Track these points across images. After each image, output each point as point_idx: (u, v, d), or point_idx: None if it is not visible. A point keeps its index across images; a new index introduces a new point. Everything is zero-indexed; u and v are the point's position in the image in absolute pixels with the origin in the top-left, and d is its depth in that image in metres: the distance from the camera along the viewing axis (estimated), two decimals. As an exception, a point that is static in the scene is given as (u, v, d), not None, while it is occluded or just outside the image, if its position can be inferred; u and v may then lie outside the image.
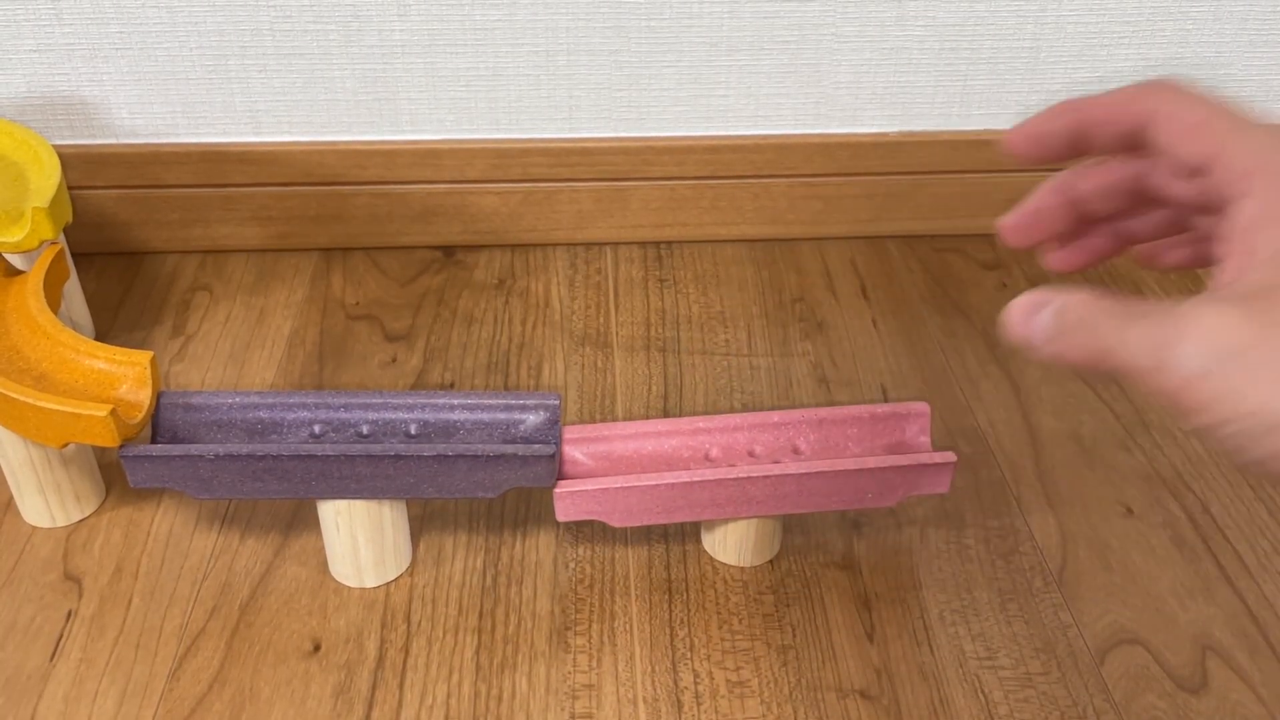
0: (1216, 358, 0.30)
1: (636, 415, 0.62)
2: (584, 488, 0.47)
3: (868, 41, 0.71)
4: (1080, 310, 0.34)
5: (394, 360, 0.66)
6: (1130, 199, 0.37)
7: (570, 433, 0.51)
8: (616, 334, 0.69)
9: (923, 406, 0.52)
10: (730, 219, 0.77)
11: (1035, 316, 0.35)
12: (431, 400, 0.49)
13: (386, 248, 0.77)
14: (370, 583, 0.50)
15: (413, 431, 0.48)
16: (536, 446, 0.46)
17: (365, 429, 0.48)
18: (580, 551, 0.52)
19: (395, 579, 0.51)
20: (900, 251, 0.77)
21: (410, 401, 0.48)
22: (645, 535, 0.53)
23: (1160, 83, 0.35)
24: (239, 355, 0.66)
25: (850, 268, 0.75)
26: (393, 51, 0.70)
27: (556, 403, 0.49)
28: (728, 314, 0.71)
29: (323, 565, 0.51)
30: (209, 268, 0.75)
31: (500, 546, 0.53)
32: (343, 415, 0.48)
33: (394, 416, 0.48)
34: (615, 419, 0.61)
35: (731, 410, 0.62)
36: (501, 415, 0.49)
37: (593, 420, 0.61)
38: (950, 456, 0.49)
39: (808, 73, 0.72)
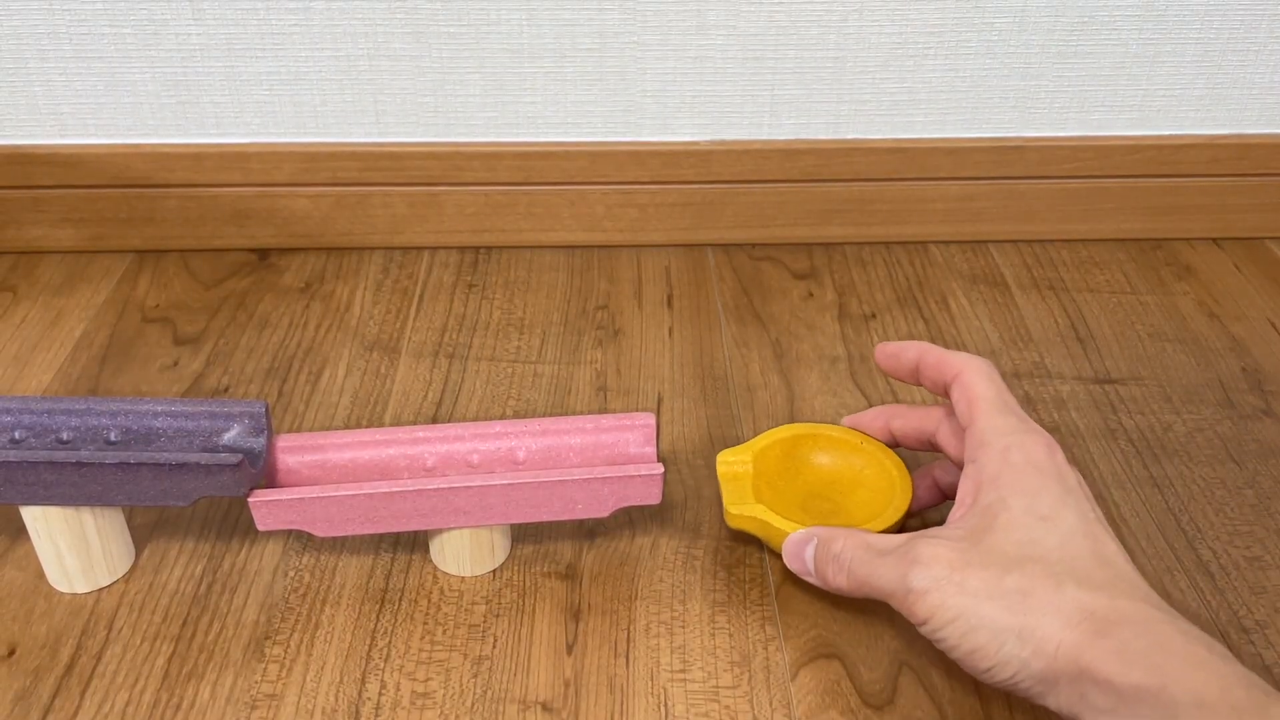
0: (934, 580, 0.40)
1: (406, 421, 0.62)
2: (279, 497, 0.47)
3: (671, 50, 0.71)
4: (836, 546, 0.45)
5: (175, 364, 0.66)
6: (926, 445, 0.52)
7: (284, 441, 0.50)
8: (409, 340, 0.68)
9: (647, 417, 0.52)
10: (548, 225, 0.77)
11: (802, 552, 0.47)
12: (135, 407, 0.48)
13: (201, 250, 0.77)
14: (81, 589, 0.50)
15: (113, 438, 0.48)
16: (222, 455, 0.46)
17: (66, 435, 0.48)
18: (304, 560, 0.52)
19: (109, 585, 0.51)
20: (717, 260, 0.77)
21: (113, 408, 0.48)
22: (375, 544, 0.53)
23: (978, 360, 0.47)
24: (24, 357, 0.66)
25: (663, 276, 0.75)
26: (191, 55, 0.70)
27: (261, 410, 0.49)
28: (527, 320, 0.70)
29: (40, 570, 0.51)
30: (20, 269, 0.75)
31: (225, 554, 0.53)
32: (44, 420, 0.48)
33: (96, 423, 0.48)
34: (383, 424, 0.61)
35: (501, 417, 0.62)
36: (205, 423, 0.49)
37: (359, 426, 0.61)
38: (658, 468, 0.49)
39: (614, 80, 0.72)
